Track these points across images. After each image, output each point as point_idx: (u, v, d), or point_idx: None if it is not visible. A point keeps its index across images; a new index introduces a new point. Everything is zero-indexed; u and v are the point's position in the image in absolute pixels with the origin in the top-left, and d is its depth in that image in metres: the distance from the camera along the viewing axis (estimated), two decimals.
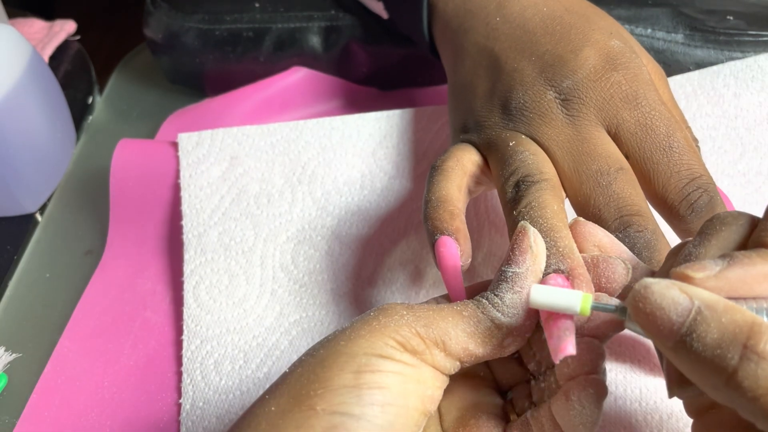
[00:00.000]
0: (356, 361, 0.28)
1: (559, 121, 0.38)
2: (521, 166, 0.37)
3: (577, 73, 0.39)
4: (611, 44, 0.40)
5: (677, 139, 0.37)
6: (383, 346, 0.28)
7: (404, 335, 0.29)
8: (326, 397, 0.27)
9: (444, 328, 0.30)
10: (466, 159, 0.40)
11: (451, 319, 0.30)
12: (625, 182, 0.36)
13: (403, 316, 0.29)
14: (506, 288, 0.31)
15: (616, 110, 0.38)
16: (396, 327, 0.29)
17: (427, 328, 0.29)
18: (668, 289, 0.25)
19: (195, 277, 0.47)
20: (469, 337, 0.30)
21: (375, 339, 0.29)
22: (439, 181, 0.38)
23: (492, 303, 0.31)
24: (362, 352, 0.28)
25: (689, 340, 0.24)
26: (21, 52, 0.54)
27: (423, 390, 0.29)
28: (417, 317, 0.30)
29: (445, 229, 0.36)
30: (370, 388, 0.27)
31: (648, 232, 0.35)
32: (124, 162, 0.54)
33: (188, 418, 0.42)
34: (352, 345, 0.29)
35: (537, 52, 0.40)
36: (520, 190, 0.36)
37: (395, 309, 0.30)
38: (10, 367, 0.48)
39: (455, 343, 0.30)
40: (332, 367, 0.28)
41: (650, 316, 0.25)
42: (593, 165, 0.37)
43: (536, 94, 0.39)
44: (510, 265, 0.31)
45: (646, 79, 0.39)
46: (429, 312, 0.30)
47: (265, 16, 0.59)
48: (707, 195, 0.36)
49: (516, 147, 0.38)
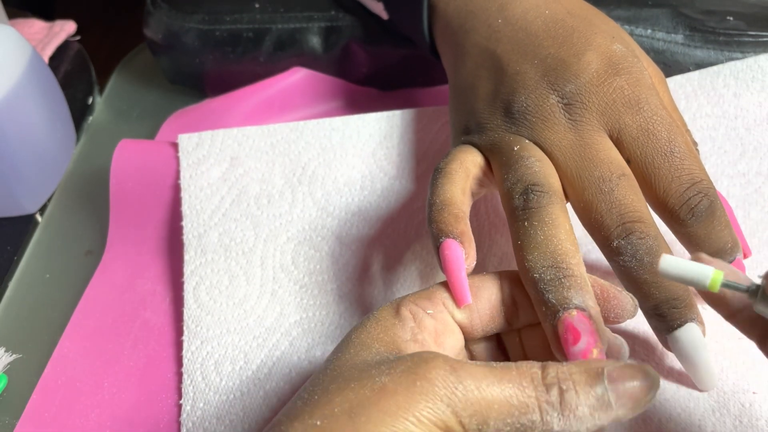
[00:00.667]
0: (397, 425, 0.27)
1: (561, 125, 0.39)
2: (527, 173, 0.37)
3: (580, 77, 0.39)
4: (613, 48, 0.40)
5: (678, 144, 0.37)
6: (415, 424, 0.28)
7: (448, 423, 0.28)
8: None
9: (486, 418, 0.28)
10: (469, 161, 0.40)
11: (498, 408, 0.28)
12: (627, 188, 0.36)
13: (450, 400, 0.28)
14: (592, 405, 0.28)
15: (618, 115, 0.38)
16: (440, 412, 0.28)
17: (471, 418, 0.28)
18: None
19: (195, 278, 0.47)
20: (507, 426, 0.28)
21: (419, 422, 0.27)
22: (442, 184, 0.38)
23: (564, 399, 0.28)
24: (391, 421, 0.27)
25: None
26: (21, 52, 0.54)
27: None
28: (465, 404, 0.28)
29: (449, 233, 0.36)
30: None
31: (650, 238, 0.35)
32: (124, 162, 0.54)
33: (189, 419, 0.42)
34: (396, 422, 0.27)
35: (539, 56, 0.40)
36: (529, 200, 0.36)
37: (440, 384, 0.28)
38: (10, 367, 0.48)
39: (492, 430, 0.28)
40: (369, 421, 0.27)
41: None
42: (596, 171, 0.37)
43: (539, 98, 0.39)
44: (618, 399, 0.29)
45: (648, 83, 0.39)
46: (477, 395, 0.28)
47: (265, 16, 0.59)
48: (707, 199, 0.36)
49: (520, 152, 0.38)
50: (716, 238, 0.37)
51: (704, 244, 0.37)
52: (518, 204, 0.36)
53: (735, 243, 0.38)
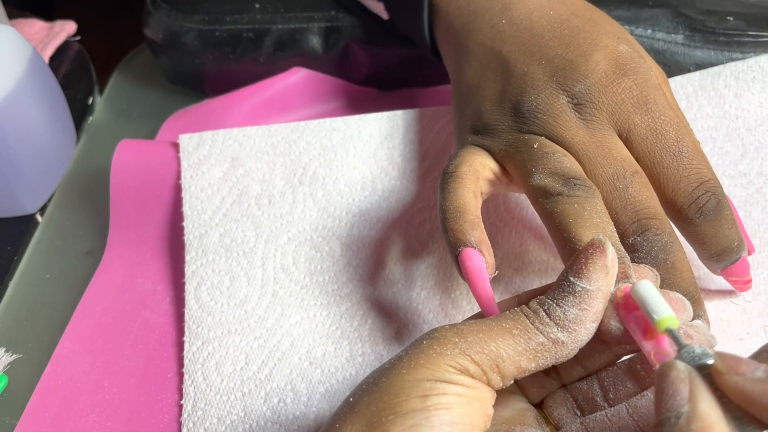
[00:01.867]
0: (421, 386, 0.28)
1: (573, 123, 0.39)
2: (561, 167, 0.37)
3: (589, 77, 0.39)
4: (620, 49, 0.40)
5: (686, 144, 0.38)
6: (444, 373, 0.29)
7: (462, 363, 0.29)
8: (398, 422, 0.28)
9: (496, 352, 0.29)
10: (478, 163, 0.40)
11: (501, 339, 0.30)
12: (641, 185, 0.37)
13: (456, 344, 0.29)
14: (572, 302, 0.30)
15: (627, 115, 0.38)
16: (452, 356, 0.29)
17: (481, 354, 0.29)
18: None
19: (196, 278, 0.47)
20: (521, 356, 0.30)
21: (435, 366, 0.29)
22: (455, 188, 0.38)
23: (552, 315, 0.30)
24: (425, 378, 0.29)
25: None
26: (21, 52, 0.54)
27: (484, 408, 0.29)
28: (469, 344, 0.29)
29: (468, 241, 0.36)
30: (438, 410, 0.28)
31: (665, 235, 0.36)
32: (124, 162, 0.54)
33: (189, 419, 0.42)
34: (414, 372, 0.29)
35: (546, 56, 0.40)
36: (576, 189, 0.36)
37: (446, 337, 0.30)
38: (10, 367, 0.48)
39: (509, 363, 0.29)
40: (399, 393, 0.29)
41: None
42: (609, 168, 0.37)
43: (549, 98, 0.39)
44: (580, 279, 0.30)
45: (655, 84, 0.39)
46: (479, 335, 0.30)
47: (265, 16, 0.59)
48: (715, 199, 0.37)
49: (543, 148, 0.38)
50: (723, 236, 0.37)
51: (712, 243, 0.37)
52: (562, 191, 0.36)
53: (741, 242, 0.38)
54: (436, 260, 0.46)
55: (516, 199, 0.48)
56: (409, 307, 0.45)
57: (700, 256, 0.39)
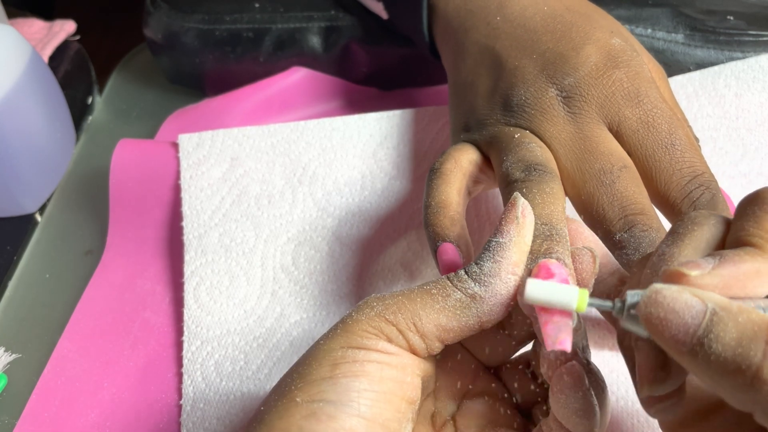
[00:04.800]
0: (333, 354, 0.29)
1: (561, 118, 0.38)
2: (530, 155, 0.37)
3: (579, 70, 0.39)
4: (612, 42, 0.40)
5: (679, 137, 0.37)
6: (358, 339, 0.29)
7: (376, 325, 0.29)
8: (305, 389, 0.28)
9: (413, 310, 0.30)
10: (464, 159, 0.39)
11: (420, 299, 0.30)
12: (628, 180, 0.36)
13: (374, 307, 0.30)
14: (487, 257, 0.30)
15: (618, 108, 0.38)
16: (367, 319, 0.30)
17: (396, 314, 0.30)
18: (680, 293, 0.24)
19: (196, 278, 0.47)
20: (440, 313, 0.30)
21: (350, 333, 0.29)
22: (438, 185, 0.38)
23: (469, 273, 0.30)
24: (338, 346, 0.29)
25: (707, 341, 0.24)
26: (21, 52, 0.54)
27: (402, 376, 0.30)
28: (386, 305, 0.30)
29: (446, 236, 0.36)
30: (346, 377, 0.28)
31: (653, 230, 0.35)
32: (124, 162, 0.54)
33: (189, 420, 0.42)
34: (329, 342, 0.30)
35: (538, 50, 0.40)
36: (531, 173, 0.36)
37: (368, 302, 0.31)
38: (9, 367, 0.48)
39: (426, 321, 0.30)
40: (311, 363, 0.29)
41: (664, 321, 0.24)
42: (596, 163, 0.37)
43: (538, 91, 0.39)
44: (495, 235, 0.31)
45: (647, 76, 0.39)
46: (398, 297, 0.30)
47: (265, 16, 0.59)
48: (709, 192, 0.36)
49: (521, 138, 0.38)
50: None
51: None
52: (518, 177, 0.36)
53: None
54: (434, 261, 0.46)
55: None
56: None
57: None
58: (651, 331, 0.25)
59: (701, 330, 0.24)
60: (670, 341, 0.24)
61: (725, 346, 0.23)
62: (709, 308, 0.24)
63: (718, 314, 0.24)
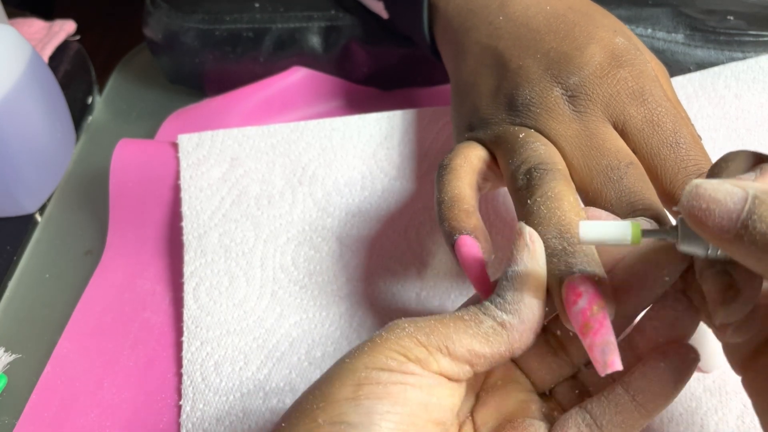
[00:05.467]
0: (357, 375, 0.29)
1: (566, 116, 0.38)
2: (532, 155, 0.37)
3: (584, 69, 0.39)
4: (616, 41, 0.40)
5: (684, 135, 0.37)
6: (384, 359, 0.29)
7: (405, 345, 0.29)
8: (327, 410, 0.28)
9: (446, 333, 0.30)
10: (473, 156, 0.39)
11: (453, 324, 0.30)
12: (635, 177, 0.36)
13: (404, 329, 0.30)
14: (508, 287, 0.31)
15: (623, 106, 0.38)
16: (397, 339, 0.29)
17: (428, 336, 0.30)
18: (721, 183, 0.25)
19: (195, 279, 0.47)
20: (472, 338, 0.30)
21: (376, 353, 0.29)
22: (450, 180, 0.38)
23: (494, 303, 0.31)
24: (363, 366, 0.29)
25: (751, 222, 0.24)
26: (21, 52, 0.54)
27: (428, 398, 0.29)
28: (418, 327, 0.30)
29: (463, 228, 0.36)
30: (369, 399, 0.28)
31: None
32: (124, 162, 0.54)
33: (188, 420, 0.42)
34: (354, 361, 0.29)
35: (542, 50, 0.40)
36: (533, 178, 0.35)
37: (398, 324, 0.30)
38: (9, 367, 0.48)
39: (459, 345, 0.30)
40: (334, 382, 0.29)
41: (706, 211, 0.25)
42: (603, 160, 0.37)
43: (543, 91, 0.39)
44: (510, 265, 0.31)
45: (651, 75, 0.39)
46: (430, 321, 0.30)
47: (265, 16, 0.59)
48: None
49: (526, 138, 0.38)
50: None
51: None
52: (521, 184, 0.36)
53: None
54: (436, 260, 0.46)
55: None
56: (408, 307, 0.45)
57: None
58: (694, 224, 0.25)
59: (745, 213, 0.24)
60: (715, 229, 0.25)
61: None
62: (750, 193, 0.24)
63: (759, 197, 0.24)
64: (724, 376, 0.39)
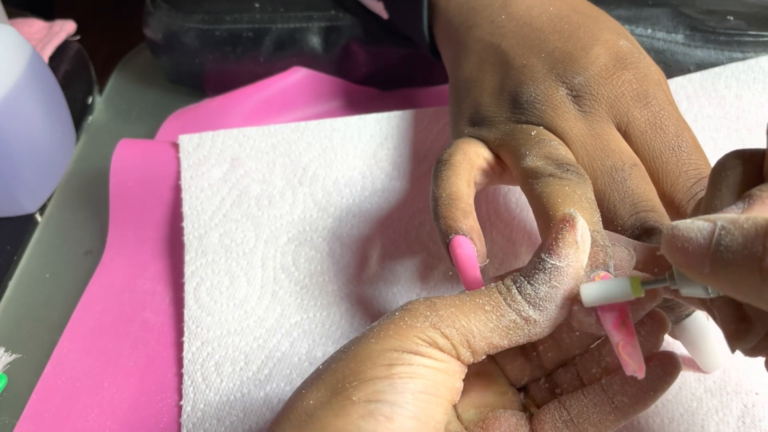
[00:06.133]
0: (388, 355, 0.29)
1: (572, 115, 0.39)
2: (555, 153, 0.37)
3: (589, 70, 0.39)
4: (620, 44, 0.40)
5: (686, 139, 0.37)
6: (413, 345, 0.29)
7: (431, 336, 0.29)
8: (361, 388, 0.28)
9: (467, 326, 0.30)
10: (473, 152, 0.39)
11: (473, 315, 0.30)
12: (639, 178, 0.36)
13: (427, 317, 0.30)
14: (542, 280, 0.30)
15: (626, 108, 0.38)
16: (422, 328, 0.29)
17: (451, 329, 0.30)
18: (692, 222, 0.25)
19: (196, 279, 0.47)
20: (493, 332, 0.30)
21: (404, 338, 0.29)
22: (448, 176, 0.38)
23: (523, 293, 0.30)
24: (393, 348, 0.29)
25: (720, 253, 0.24)
26: (21, 52, 0.54)
27: (452, 381, 0.30)
28: (440, 317, 0.30)
29: (459, 228, 0.36)
30: (402, 378, 0.28)
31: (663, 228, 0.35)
32: (124, 162, 0.54)
33: (189, 420, 0.42)
34: (382, 342, 0.29)
35: (546, 49, 0.40)
36: (569, 171, 0.35)
37: (419, 310, 0.30)
38: (10, 367, 0.48)
39: (480, 339, 0.30)
40: (365, 361, 0.29)
41: (681, 250, 0.25)
42: (608, 161, 0.37)
43: (548, 89, 0.39)
44: (551, 256, 0.30)
45: (654, 79, 0.39)
46: (450, 309, 0.30)
47: (265, 16, 0.59)
48: None
49: (540, 135, 0.38)
50: None
51: None
52: (554, 172, 0.35)
53: None
54: (436, 261, 0.46)
55: (516, 200, 0.48)
56: None
57: None
58: (675, 263, 0.26)
59: (713, 245, 0.24)
60: (692, 266, 0.25)
61: (734, 252, 0.24)
62: (717, 225, 0.24)
63: (725, 228, 0.24)
64: (725, 377, 0.39)
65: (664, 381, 0.32)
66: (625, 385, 0.32)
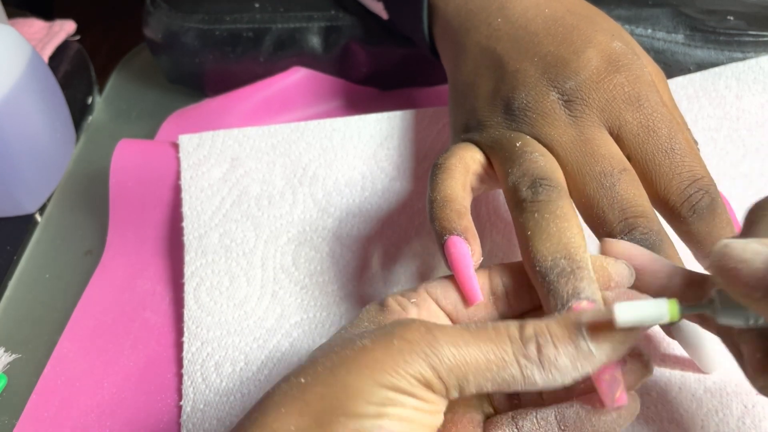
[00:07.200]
0: (381, 394, 0.28)
1: (562, 121, 0.38)
2: (533, 167, 0.36)
3: (580, 74, 0.39)
4: (613, 46, 0.40)
5: (679, 141, 0.37)
6: (407, 384, 0.28)
7: (427, 378, 0.28)
8: (348, 425, 0.27)
9: (464, 373, 0.29)
10: (469, 157, 0.39)
11: (475, 362, 0.29)
12: (628, 183, 0.36)
13: (427, 356, 0.29)
14: (571, 354, 0.29)
15: (618, 111, 0.38)
16: (419, 368, 0.28)
17: (449, 374, 0.29)
18: (748, 243, 0.25)
19: (196, 279, 0.47)
20: (489, 381, 0.29)
21: (399, 375, 0.28)
22: (443, 179, 0.38)
23: (542, 352, 0.29)
24: (386, 385, 0.28)
25: None
26: (21, 52, 0.54)
27: (438, 420, 0.30)
28: (440, 359, 0.29)
29: (453, 229, 0.36)
30: (392, 421, 0.28)
31: (653, 233, 0.35)
32: (124, 162, 0.54)
33: (189, 420, 0.42)
34: (377, 375, 0.28)
35: (539, 53, 0.40)
36: (539, 193, 0.35)
37: (418, 344, 0.29)
38: (10, 367, 0.48)
39: (474, 385, 0.29)
40: (357, 397, 0.28)
41: (734, 271, 0.25)
42: (597, 166, 0.37)
43: (539, 95, 0.39)
44: (595, 342, 0.29)
45: (647, 80, 0.39)
46: (452, 351, 0.29)
47: (265, 16, 0.59)
48: (708, 197, 0.36)
49: (523, 147, 0.38)
50: (717, 235, 0.37)
51: (705, 242, 0.37)
52: (526, 196, 0.35)
53: None
54: (437, 261, 0.46)
55: None
56: None
57: (696, 255, 0.39)
58: (725, 282, 0.26)
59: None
60: (744, 289, 0.25)
61: None
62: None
63: None
64: (725, 378, 0.39)
65: (615, 424, 0.31)
66: (576, 416, 0.31)
